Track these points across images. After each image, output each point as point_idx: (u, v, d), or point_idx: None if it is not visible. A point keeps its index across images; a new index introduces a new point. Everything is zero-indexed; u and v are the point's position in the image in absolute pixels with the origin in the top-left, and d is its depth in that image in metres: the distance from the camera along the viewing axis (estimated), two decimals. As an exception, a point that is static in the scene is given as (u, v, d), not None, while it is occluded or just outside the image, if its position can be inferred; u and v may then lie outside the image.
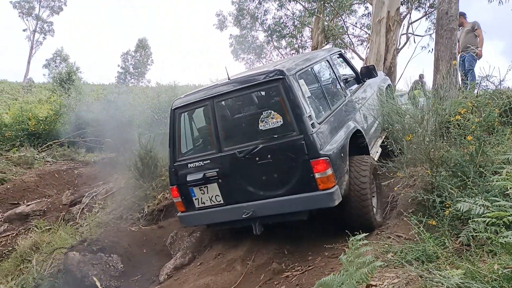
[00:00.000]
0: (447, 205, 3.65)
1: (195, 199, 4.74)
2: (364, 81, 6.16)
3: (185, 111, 4.90)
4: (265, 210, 4.37)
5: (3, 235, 7.39)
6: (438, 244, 3.31)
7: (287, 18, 23.95)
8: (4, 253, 6.53)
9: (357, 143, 4.86)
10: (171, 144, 4.91)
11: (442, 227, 3.56)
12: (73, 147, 12.71)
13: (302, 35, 24.84)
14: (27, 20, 46.00)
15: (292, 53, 24.69)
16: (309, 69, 4.91)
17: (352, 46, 21.91)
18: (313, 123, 4.16)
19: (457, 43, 8.15)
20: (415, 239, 3.58)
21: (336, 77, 5.45)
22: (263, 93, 4.76)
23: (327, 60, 5.49)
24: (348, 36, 22.46)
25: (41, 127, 12.78)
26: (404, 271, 3.08)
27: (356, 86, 6.04)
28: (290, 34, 24.38)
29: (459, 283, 2.49)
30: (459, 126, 4.29)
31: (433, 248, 3.24)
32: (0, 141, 12.13)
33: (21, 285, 5.24)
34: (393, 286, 2.91)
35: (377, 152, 5.62)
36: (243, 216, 4.40)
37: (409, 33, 18.85)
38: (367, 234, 3.69)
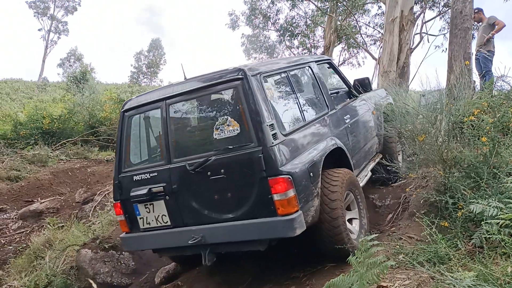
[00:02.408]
0: (460, 207, 3.60)
1: (140, 218, 4.07)
2: (357, 96, 5.50)
3: (136, 114, 4.30)
4: (216, 237, 3.73)
5: (17, 232, 7.49)
6: (450, 246, 3.27)
7: (300, 17, 23.93)
8: (18, 249, 6.62)
9: (340, 164, 4.31)
10: (117, 152, 4.30)
11: (455, 228, 3.52)
12: (86, 145, 12.85)
13: (314, 34, 24.84)
14: (42, 20, 46.72)
15: (304, 53, 24.64)
16: (282, 73, 4.30)
17: (365, 45, 21.80)
18: (275, 133, 3.51)
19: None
20: (427, 241, 3.54)
21: (319, 86, 4.78)
22: (220, 95, 4.03)
23: (309, 67, 4.86)
24: (361, 36, 22.36)
25: (55, 125, 12.92)
26: (416, 273, 3.06)
27: (347, 100, 5.46)
28: (302, 34, 24.35)
29: (472, 286, 2.46)
30: (473, 127, 4.23)
31: (445, 249, 3.20)
32: (15, 139, 12.30)
33: (34, 281, 5.30)
34: (404, 288, 2.89)
35: (365, 176, 5.03)
36: (189, 241, 3.74)
37: (423, 32, 18.70)
38: (378, 234, 3.65)
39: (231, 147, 3.58)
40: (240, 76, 3.65)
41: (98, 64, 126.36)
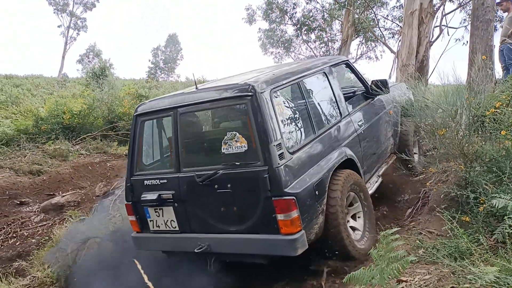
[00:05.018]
0: (481, 201, 3.56)
1: (150, 221, 4.22)
2: (375, 97, 5.36)
3: (148, 119, 4.34)
4: (221, 247, 3.83)
5: (39, 224, 7.62)
6: (471, 241, 3.23)
7: (317, 11, 23.78)
8: (41, 242, 6.75)
9: (350, 167, 4.28)
10: (130, 155, 4.37)
11: (476, 223, 3.48)
12: (105, 140, 13.02)
13: (331, 28, 24.65)
14: (61, 16, 47.23)
15: (321, 47, 24.51)
16: (294, 84, 4.20)
17: (383, 39, 21.53)
18: (282, 153, 3.50)
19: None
20: (447, 235, 3.51)
21: (333, 93, 4.65)
22: (230, 110, 4.01)
23: (324, 73, 4.69)
24: (379, 29, 22.07)
25: (75, 120, 13.12)
26: (436, 267, 3.04)
27: (363, 103, 5.25)
28: (319, 28, 24.18)
29: (494, 281, 2.44)
30: (495, 120, 4.16)
31: (466, 244, 3.17)
32: (36, 134, 12.51)
33: (57, 273, 5.41)
34: (424, 282, 2.87)
35: (375, 182, 4.96)
36: (195, 250, 3.85)
37: (443, 25, 18.36)
38: (398, 229, 3.62)
39: (238, 163, 3.60)
40: (250, 94, 3.58)
41: (116, 60, 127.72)
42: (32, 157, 10.67)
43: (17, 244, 6.88)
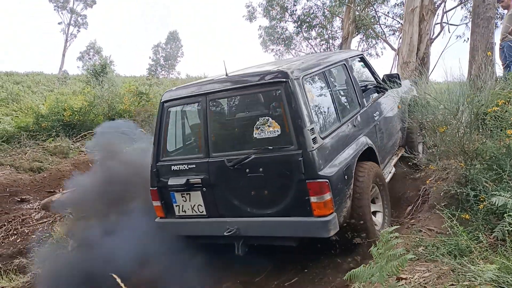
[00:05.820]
0: (481, 199, 3.56)
1: (176, 206, 4.28)
2: (386, 90, 5.44)
3: (175, 105, 4.42)
4: (251, 230, 3.91)
5: (40, 221, 7.63)
6: (471, 238, 3.24)
7: (317, 8, 23.70)
8: (41, 239, 6.76)
9: (367, 159, 4.38)
10: (156, 141, 4.43)
11: (476, 221, 3.48)
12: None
13: (332, 25, 24.56)
14: (61, 13, 47.12)
15: (322, 44, 24.45)
16: (321, 73, 4.32)
17: (384, 36, 21.48)
18: (315, 137, 3.61)
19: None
20: (447, 233, 3.51)
21: (353, 84, 4.79)
22: (262, 96, 4.15)
23: (344, 65, 4.84)
24: (380, 26, 22.00)
25: (75, 118, 13.10)
26: (436, 265, 3.04)
27: (376, 95, 5.39)
28: (320, 25, 24.12)
29: (493, 278, 2.44)
30: (496, 118, 4.16)
31: (466, 242, 3.17)
32: (37, 131, 12.50)
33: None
34: (424, 280, 2.87)
35: (389, 172, 5.09)
36: (225, 233, 3.91)
37: (444, 22, 18.29)
38: (399, 226, 3.64)
39: (271, 147, 3.70)
40: (283, 80, 3.69)
41: (117, 57, 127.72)
42: (32, 154, 10.67)
43: (17, 241, 6.89)
